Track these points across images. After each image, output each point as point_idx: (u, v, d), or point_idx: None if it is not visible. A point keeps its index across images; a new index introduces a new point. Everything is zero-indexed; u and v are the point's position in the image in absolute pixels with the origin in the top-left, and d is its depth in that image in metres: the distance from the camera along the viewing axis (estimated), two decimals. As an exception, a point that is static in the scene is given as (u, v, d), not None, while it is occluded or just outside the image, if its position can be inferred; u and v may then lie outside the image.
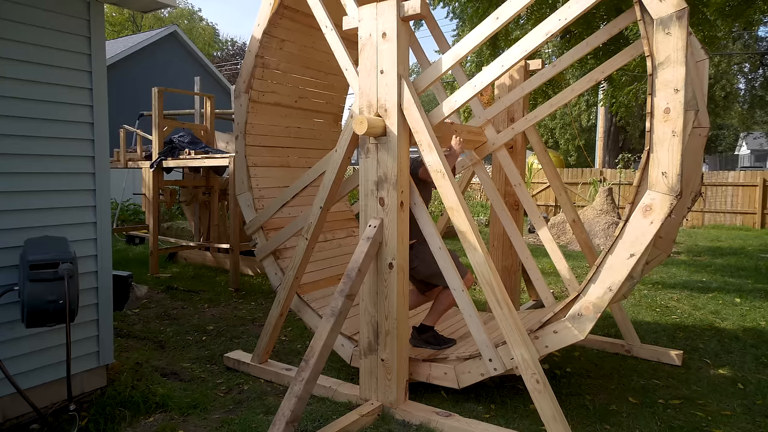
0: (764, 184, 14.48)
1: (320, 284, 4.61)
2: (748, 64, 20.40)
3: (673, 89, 2.60)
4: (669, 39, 2.59)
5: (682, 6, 2.55)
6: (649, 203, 2.68)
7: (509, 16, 3.00)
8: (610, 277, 2.82)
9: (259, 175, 4.68)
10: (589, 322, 2.91)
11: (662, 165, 2.64)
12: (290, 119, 4.99)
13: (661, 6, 2.60)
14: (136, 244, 10.61)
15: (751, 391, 3.85)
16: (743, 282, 7.57)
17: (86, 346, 3.52)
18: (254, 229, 4.54)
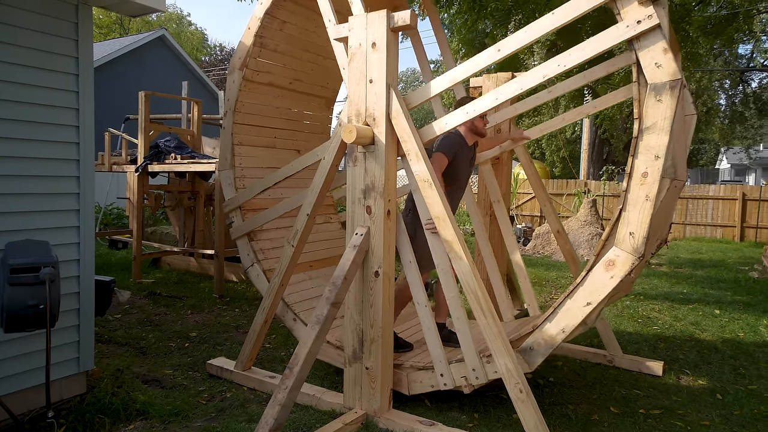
0: (743, 198, 14.78)
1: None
2: (728, 81, 20.87)
3: (654, 155, 2.68)
4: (659, 106, 2.66)
5: (677, 77, 2.61)
6: (613, 259, 2.80)
7: (510, 51, 3.05)
8: (566, 320, 2.95)
9: (243, 154, 4.64)
10: (539, 357, 3.05)
11: (631, 225, 2.75)
12: (282, 100, 4.94)
13: (657, 73, 2.66)
14: (119, 248, 10.47)
15: (729, 401, 3.91)
16: (723, 294, 7.71)
17: (66, 352, 3.47)
18: (232, 208, 4.52)
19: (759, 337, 5.54)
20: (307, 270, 4.84)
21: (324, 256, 5.02)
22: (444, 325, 4.15)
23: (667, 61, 2.64)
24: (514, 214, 16.41)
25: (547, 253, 11.40)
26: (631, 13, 2.71)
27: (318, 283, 4.80)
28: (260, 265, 4.43)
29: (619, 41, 2.74)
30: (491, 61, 3.11)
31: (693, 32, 7.40)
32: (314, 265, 4.92)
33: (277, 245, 4.65)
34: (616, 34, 2.75)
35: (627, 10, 2.73)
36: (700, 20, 7.51)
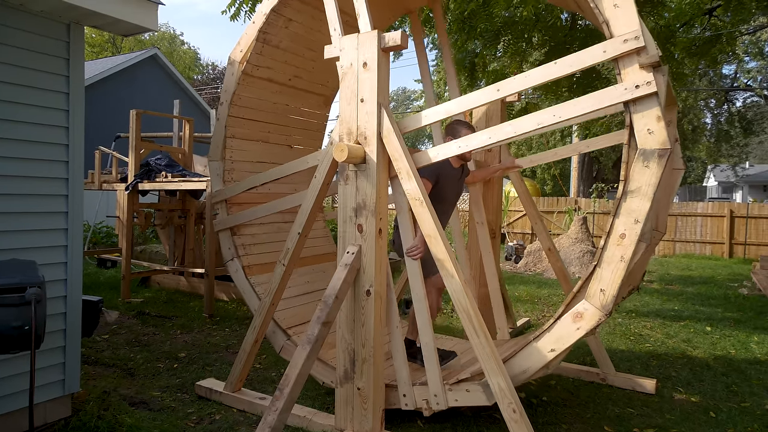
0: (731, 215, 14.94)
1: (269, 268, 4.59)
2: (713, 100, 21.27)
3: (634, 219, 2.73)
4: (645, 172, 2.70)
5: (667, 147, 2.66)
6: (581, 312, 2.86)
7: (509, 92, 3.09)
8: (528, 362, 3.00)
9: (234, 147, 4.61)
10: (517, 381, 3.08)
11: (603, 282, 2.80)
12: (280, 96, 4.91)
13: (648, 139, 2.70)
14: (108, 267, 10.35)
15: (722, 419, 3.90)
16: (713, 311, 7.74)
17: (51, 374, 3.39)
18: (217, 201, 4.50)
19: (750, 354, 5.55)
20: None
21: (307, 254, 5.00)
22: (414, 342, 4.07)
23: (660, 130, 2.67)
24: (505, 232, 16.47)
25: (539, 270, 11.42)
26: (632, 75, 2.74)
27: (297, 282, 4.78)
28: (240, 260, 4.43)
29: (617, 102, 2.78)
30: (490, 100, 3.18)
31: (678, 53, 7.55)
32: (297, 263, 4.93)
33: (258, 241, 4.65)
34: (614, 95, 2.78)
35: (628, 71, 2.76)
36: (684, 41, 7.67)
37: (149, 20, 3.54)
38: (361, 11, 3.46)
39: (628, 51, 2.72)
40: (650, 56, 2.67)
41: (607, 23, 2.79)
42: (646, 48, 2.69)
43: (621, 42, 2.73)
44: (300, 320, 4.43)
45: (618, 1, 2.76)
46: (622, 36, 2.73)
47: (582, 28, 7.09)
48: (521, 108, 8.54)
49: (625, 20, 2.74)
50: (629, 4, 2.74)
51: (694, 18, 7.62)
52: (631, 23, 2.72)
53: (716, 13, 7.77)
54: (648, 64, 2.68)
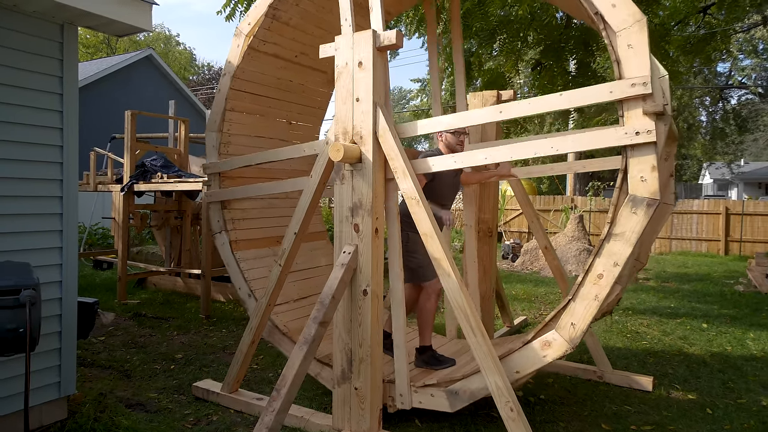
0: (727, 213, 15.00)
1: (256, 243, 4.62)
2: (708, 98, 21.36)
3: (613, 262, 2.77)
4: (632, 218, 2.72)
5: (656, 197, 2.67)
6: (550, 341, 2.95)
7: (511, 116, 3.09)
8: (493, 380, 3.04)
9: (233, 120, 4.58)
10: (461, 403, 3.27)
11: (575, 317, 2.87)
12: (284, 71, 4.84)
13: (640, 186, 2.71)
14: (104, 269, 10.31)
15: (719, 416, 3.91)
16: (710, 308, 7.77)
17: (47, 377, 3.38)
18: (211, 173, 4.49)
19: (746, 351, 5.57)
20: (273, 246, 4.83)
21: None
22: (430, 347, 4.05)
23: (652, 179, 2.68)
24: (502, 231, 16.49)
25: (536, 269, 11.44)
26: (634, 120, 2.73)
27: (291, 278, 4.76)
28: (227, 234, 4.44)
29: (616, 145, 2.78)
30: (492, 120, 3.18)
31: (673, 51, 7.57)
32: (281, 241, 4.91)
33: (248, 216, 4.65)
34: (613, 137, 2.78)
35: (630, 115, 2.75)
36: (679, 40, 7.70)
37: (143, 21, 3.52)
38: (374, 5, 3.40)
39: (634, 95, 2.70)
40: (655, 104, 2.66)
41: (619, 62, 2.76)
42: (652, 95, 2.67)
43: (628, 85, 2.71)
44: (281, 300, 4.39)
45: (633, 42, 2.71)
46: (630, 79, 2.70)
47: (577, 26, 7.10)
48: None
49: (636, 63, 2.71)
50: (643, 47, 2.69)
51: (688, 16, 7.65)
52: (642, 68, 2.69)
53: (711, 11, 7.80)
54: (652, 112, 2.67)
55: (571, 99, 2.93)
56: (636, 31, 2.71)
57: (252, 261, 4.45)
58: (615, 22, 2.76)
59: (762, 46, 19.42)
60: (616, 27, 2.75)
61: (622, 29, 2.74)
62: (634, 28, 2.71)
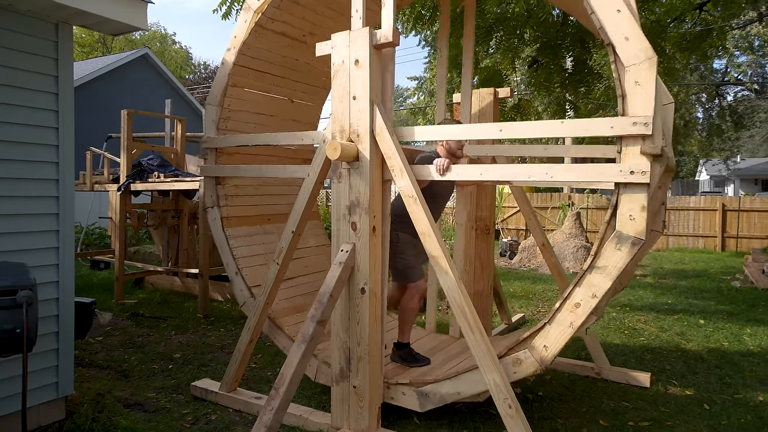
0: (723, 209, 15.04)
1: (247, 221, 4.66)
2: (705, 95, 21.39)
3: (592, 294, 2.84)
4: (616, 254, 2.78)
5: (642, 237, 2.70)
6: (522, 359, 3.06)
7: (511, 135, 3.10)
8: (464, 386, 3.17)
9: (234, 96, 4.54)
10: (431, 404, 3.39)
11: (549, 340, 2.97)
12: (291, 50, 4.77)
13: (628, 225, 2.74)
14: (101, 269, 10.28)
15: (716, 411, 3.93)
16: (707, 304, 7.79)
17: (44, 377, 3.37)
18: (208, 147, 4.48)
19: (743, 346, 5.59)
20: (264, 223, 4.84)
21: (284, 211, 5.02)
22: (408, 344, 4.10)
23: (641, 219, 2.71)
24: (499, 228, 16.51)
25: (533, 266, 11.46)
26: (630, 158, 2.74)
27: (271, 239, 4.80)
28: (219, 210, 4.45)
29: (610, 180, 2.80)
30: (491, 137, 3.18)
31: (669, 48, 7.57)
32: (272, 219, 4.95)
33: (241, 193, 4.66)
34: (607, 172, 2.79)
35: (628, 152, 2.75)
36: (675, 36, 7.70)
37: (139, 19, 3.51)
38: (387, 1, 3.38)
39: (634, 134, 2.71)
40: (654, 147, 2.66)
41: (624, 97, 2.76)
42: (652, 137, 2.67)
43: (630, 123, 2.70)
44: None
45: (641, 79, 2.70)
46: (633, 117, 2.70)
47: (573, 24, 7.10)
48: (514, 104, 8.55)
49: (641, 101, 2.70)
50: (650, 86, 2.68)
51: (684, 13, 7.65)
52: (646, 107, 2.68)
53: (707, 7, 7.81)
54: (649, 153, 2.68)
55: (572, 128, 2.97)
56: (645, 68, 2.69)
57: (242, 239, 4.48)
58: (626, 56, 2.73)
59: (758, 42, 19.45)
60: (626, 61, 2.73)
61: (632, 64, 2.72)
62: (644, 65, 2.69)
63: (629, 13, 2.73)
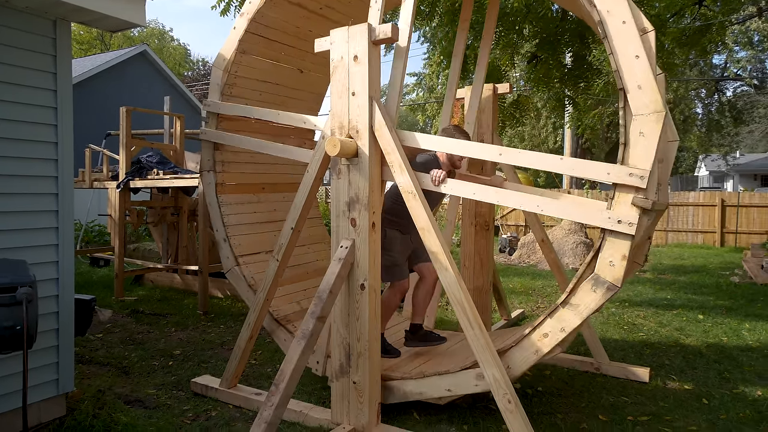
0: (722, 205, 15.05)
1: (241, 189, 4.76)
2: (704, 90, 21.36)
3: (561, 328, 2.96)
4: (590, 295, 2.85)
5: (618, 285, 2.78)
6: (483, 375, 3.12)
7: (509, 160, 3.14)
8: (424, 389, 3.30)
9: (242, 62, 4.51)
10: (394, 398, 3.52)
11: (513, 362, 3.12)
12: (306, 21, 4.73)
13: (606, 270, 2.81)
14: (101, 266, 10.29)
15: (715, 405, 3.94)
16: (705, 299, 7.81)
17: (45, 374, 3.37)
18: (210, 111, 4.49)
19: (742, 341, 5.60)
20: (258, 192, 4.87)
21: (277, 181, 5.06)
22: (420, 326, 4.17)
23: (620, 267, 2.78)
24: (499, 224, 16.51)
25: (533, 262, 11.47)
26: (621, 207, 2.77)
27: (262, 208, 4.84)
28: (215, 175, 4.51)
29: (597, 224, 2.83)
30: (490, 159, 3.22)
31: (669, 43, 7.56)
32: (267, 188, 5.00)
33: (238, 160, 4.70)
34: (596, 217, 2.84)
35: (620, 200, 2.79)
36: (675, 32, 7.68)
37: (137, 16, 3.50)
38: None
39: (628, 184, 2.74)
40: (645, 201, 2.70)
41: (626, 145, 2.78)
42: (646, 191, 2.70)
43: (627, 174, 2.73)
44: (254, 249, 4.54)
45: (646, 130, 2.71)
46: (631, 168, 2.73)
47: (573, 19, 7.08)
48: (513, 100, 8.54)
49: (642, 153, 2.72)
50: (653, 139, 2.69)
51: (684, 8, 7.63)
52: (646, 161, 2.70)
53: (706, 2, 7.79)
54: (639, 206, 2.70)
55: (571, 167, 2.99)
56: (652, 120, 2.70)
57: (234, 206, 4.53)
58: (636, 105, 2.74)
59: (757, 38, 19.42)
60: (635, 110, 2.74)
61: (640, 114, 2.73)
62: (651, 117, 2.70)
63: (647, 61, 2.71)
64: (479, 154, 3.26)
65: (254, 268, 4.48)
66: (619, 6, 2.80)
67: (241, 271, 4.36)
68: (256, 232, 4.71)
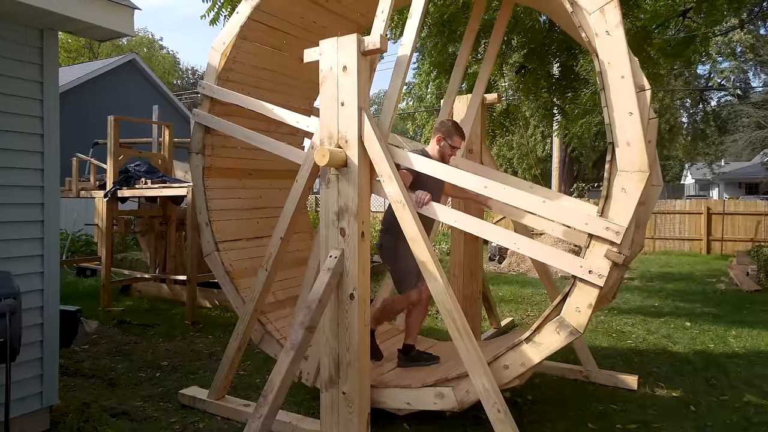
0: (708, 212, 15.23)
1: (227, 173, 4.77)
2: (689, 100, 21.71)
3: (521, 362, 3.06)
4: (553, 336, 2.95)
5: (581, 329, 2.89)
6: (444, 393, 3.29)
7: (493, 196, 3.17)
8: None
9: (242, 49, 4.46)
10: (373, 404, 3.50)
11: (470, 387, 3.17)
12: (310, 12, 4.65)
13: (572, 316, 2.91)
14: (88, 276, 10.16)
15: (702, 413, 3.97)
16: (692, 306, 7.88)
17: (28, 387, 3.32)
18: (204, 94, 4.47)
19: (728, 348, 5.66)
20: (245, 178, 4.89)
21: (266, 168, 5.06)
22: (413, 347, 4.15)
23: (585, 314, 2.88)
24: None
25: (522, 270, 11.51)
26: (593, 257, 2.85)
27: (247, 195, 4.86)
28: (203, 158, 4.54)
29: (569, 271, 2.93)
30: (476, 190, 3.23)
31: (654, 53, 7.68)
32: (254, 174, 5.00)
33: (228, 144, 4.70)
34: (569, 264, 2.93)
35: (594, 250, 2.86)
36: (660, 42, 7.81)
37: (125, 26, 3.49)
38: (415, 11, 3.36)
39: (603, 237, 2.80)
40: (618, 256, 2.77)
41: (608, 198, 2.83)
42: (620, 246, 2.77)
43: (603, 227, 2.80)
44: (235, 236, 4.59)
45: (628, 188, 2.76)
46: (608, 222, 2.79)
47: (560, 30, 7.18)
48: (502, 110, 8.61)
49: (621, 209, 2.79)
50: (633, 198, 2.75)
51: (669, 19, 7.77)
52: (624, 217, 2.77)
53: (690, 14, 7.93)
54: (612, 260, 2.77)
55: (551, 210, 3.04)
56: (635, 179, 2.75)
57: (219, 191, 4.54)
58: (622, 161, 2.78)
59: (740, 49, 19.81)
60: (621, 166, 2.79)
61: (625, 171, 2.78)
62: (634, 176, 2.75)
63: (638, 120, 2.75)
64: (466, 183, 3.27)
65: (233, 255, 4.51)
66: (621, 60, 2.82)
67: (220, 257, 4.40)
68: (239, 218, 4.73)
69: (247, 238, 4.71)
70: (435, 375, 3.53)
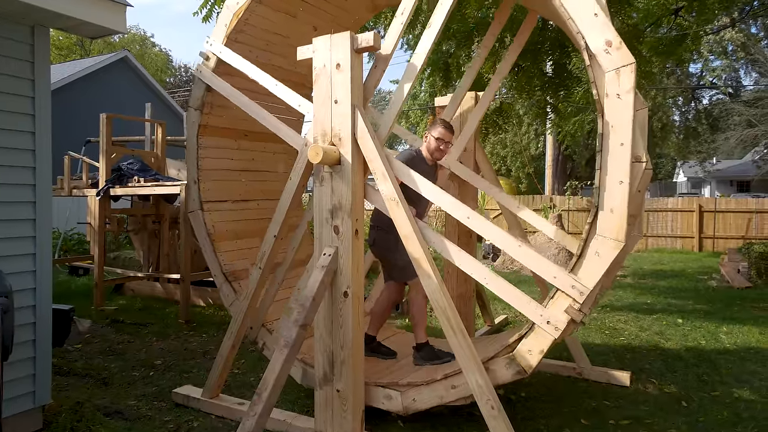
0: (700, 210, 15.35)
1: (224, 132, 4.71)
2: (681, 98, 21.86)
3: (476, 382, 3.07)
4: (503, 371, 3.12)
5: (529, 370, 3.03)
6: (393, 397, 3.47)
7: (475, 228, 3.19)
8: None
9: (256, 11, 4.34)
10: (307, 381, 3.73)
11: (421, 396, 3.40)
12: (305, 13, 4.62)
13: (524, 355, 3.05)
14: (81, 275, 10.11)
15: (694, 408, 4.01)
16: (684, 303, 7.94)
17: (20, 387, 3.30)
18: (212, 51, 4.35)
19: (720, 345, 5.71)
20: (240, 139, 4.88)
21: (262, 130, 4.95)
22: (375, 337, 4.28)
23: (535, 358, 3.02)
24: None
25: (516, 267, 11.55)
26: (554, 308, 2.93)
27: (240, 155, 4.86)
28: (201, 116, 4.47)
29: (529, 317, 3.03)
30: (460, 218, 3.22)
31: (646, 52, 7.73)
32: (249, 136, 4.95)
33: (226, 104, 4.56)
34: (533, 311, 3.00)
35: (556, 302, 2.93)
36: (652, 41, 7.86)
37: (117, 22, 3.47)
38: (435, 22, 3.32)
39: (567, 294, 2.87)
40: (578, 314, 2.83)
41: (581, 257, 2.88)
42: (580, 306, 2.83)
43: (570, 284, 2.86)
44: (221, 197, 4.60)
45: (602, 251, 2.79)
46: (575, 281, 2.85)
47: (553, 28, 7.20)
48: (496, 107, 8.63)
49: (591, 271, 2.83)
50: (606, 262, 2.78)
51: (661, 18, 7.81)
52: (591, 280, 2.82)
53: (682, 13, 7.98)
54: (570, 316, 2.85)
55: (525, 256, 3.09)
56: (610, 246, 2.78)
57: (211, 149, 4.52)
58: (602, 226, 2.82)
59: (731, 47, 19.95)
60: (600, 231, 2.81)
61: (603, 236, 2.81)
62: (610, 244, 2.78)
63: (627, 190, 2.75)
64: (451, 210, 3.26)
65: (216, 216, 4.49)
66: (624, 126, 2.78)
67: (203, 217, 4.38)
68: (228, 179, 4.69)
69: (233, 200, 4.68)
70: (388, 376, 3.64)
